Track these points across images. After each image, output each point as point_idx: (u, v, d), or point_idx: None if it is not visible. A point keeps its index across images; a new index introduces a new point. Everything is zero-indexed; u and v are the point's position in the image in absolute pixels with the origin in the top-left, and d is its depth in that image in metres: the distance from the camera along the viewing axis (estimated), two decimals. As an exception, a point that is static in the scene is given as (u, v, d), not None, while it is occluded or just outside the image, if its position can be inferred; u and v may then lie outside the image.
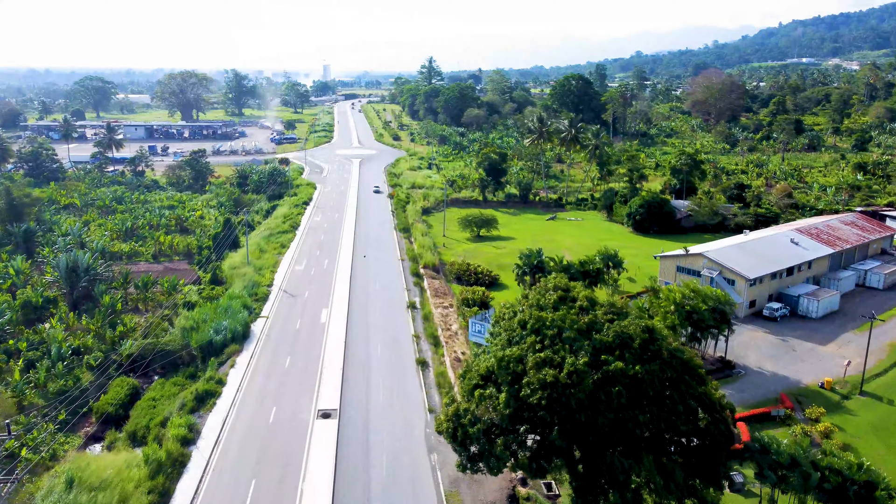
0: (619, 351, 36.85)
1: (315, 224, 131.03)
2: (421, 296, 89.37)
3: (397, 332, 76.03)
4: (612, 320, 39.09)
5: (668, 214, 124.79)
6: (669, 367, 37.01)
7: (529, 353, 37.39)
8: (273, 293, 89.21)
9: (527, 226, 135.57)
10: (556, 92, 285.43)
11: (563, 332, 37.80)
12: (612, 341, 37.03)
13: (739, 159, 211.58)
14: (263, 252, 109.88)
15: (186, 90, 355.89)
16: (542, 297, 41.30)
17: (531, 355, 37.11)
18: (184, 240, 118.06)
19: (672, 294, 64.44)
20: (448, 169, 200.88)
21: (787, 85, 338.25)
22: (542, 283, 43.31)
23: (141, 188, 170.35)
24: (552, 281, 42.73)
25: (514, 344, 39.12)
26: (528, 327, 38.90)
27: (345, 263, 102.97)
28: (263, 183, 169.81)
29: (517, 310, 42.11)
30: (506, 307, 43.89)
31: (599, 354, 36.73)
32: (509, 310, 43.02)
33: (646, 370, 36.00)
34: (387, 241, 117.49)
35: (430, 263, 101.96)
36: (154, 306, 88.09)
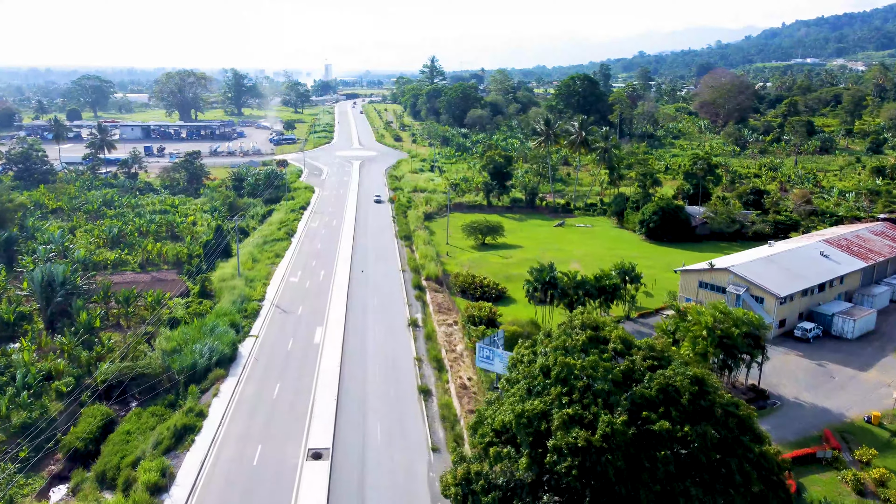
0: (663, 407, 30.78)
1: (312, 230, 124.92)
2: (423, 311, 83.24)
3: (397, 355, 69.89)
4: (653, 367, 33.01)
5: (683, 222, 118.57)
6: (724, 427, 30.92)
7: (555, 408, 31.34)
8: (264, 309, 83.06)
9: (534, 232, 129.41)
10: (560, 92, 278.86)
11: (594, 382, 31.75)
12: (656, 396, 30.94)
13: (751, 162, 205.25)
14: (256, 262, 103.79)
15: (185, 89, 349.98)
16: (567, 337, 35.21)
17: (557, 411, 31.06)
18: (174, 247, 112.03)
19: (703, 317, 58.20)
20: (451, 171, 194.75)
21: (797, 86, 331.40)
22: (568, 319, 37.19)
23: (133, 191, 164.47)
24: (579, 317, 36.66)
25: (535, 394, 33.05)
26: (553, 375, 32.80)
27: (342, 275, 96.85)
28: (259, 186, 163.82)
29: (538, 351, 35.97)
30: (524, 347, 37.79)
31: (640, 411, 30.71)
32: (528, 351, 36.91)
33: (697, 432, 29.90)
34: (387, 250, 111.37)
35: (433, 275, 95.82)
36: (137, 322, 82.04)
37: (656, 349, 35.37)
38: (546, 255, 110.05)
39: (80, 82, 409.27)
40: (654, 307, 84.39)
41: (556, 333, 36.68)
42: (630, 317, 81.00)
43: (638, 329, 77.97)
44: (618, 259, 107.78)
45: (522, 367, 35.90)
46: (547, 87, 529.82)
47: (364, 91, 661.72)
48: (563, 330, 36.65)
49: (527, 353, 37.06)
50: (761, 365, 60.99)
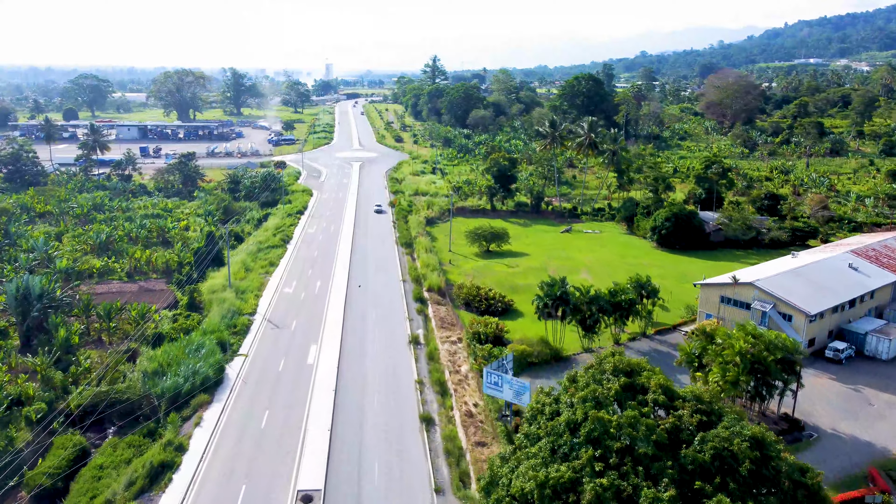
0: (719, 477, 25.66)
1: (309, 237, 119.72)
2: (425, 327, 78.02)
3: (397, 377, 64.68)
4: (702, 424, 27.83)
5: (696, 229, 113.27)
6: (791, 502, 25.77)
7: (586, 477, 26.18)
8: (255, 324, 77.83)
9: (540, 239, 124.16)
10: (564, 92, 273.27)
11: (634, 443, 26.60)
12: (710, 462, 25.82)
13: (761, 164, 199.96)
14: (249, 271, 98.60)
15: (183, 89, 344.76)
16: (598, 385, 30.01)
17: (589, 481, 25.88)
18: (163, 254, 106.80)
19: (734, 341, 52.94)
20: (453, 173, 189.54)
21: (806, 86, 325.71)
22: (597, 361, 31.99)
23: (126, 193, 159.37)
24: (610, 360, 31.46)
25: (561, 457, 27.89)
26: (583, 434, 27.67)
27: (339, 285, 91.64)
28: (256, 189, 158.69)
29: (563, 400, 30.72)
30: (544, 394, 32.54)
31: (691, 482, 25.56)
32: (550, 400, 31.65)
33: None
34: (387, 258, 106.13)
35: (435, 286, 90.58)
36: (120, 338, 76.95)
37: (704, 400, 30.15)
38: (553, 264, 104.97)
39: (78, 81, 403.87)
40: (671, 322, 79.11)
41: (582, 379, 31.45)
42: (646, 334, 75.79)
43: (656, 347, 72.74)
44: (629, 268, 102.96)
45: (544, 419, 30.70)
46: (550, 87, 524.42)
47: (365, 91, 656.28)
48: (592, 375, 31.46)
49: (548, 402, 31.83)
50: (796, 393, 55.74)
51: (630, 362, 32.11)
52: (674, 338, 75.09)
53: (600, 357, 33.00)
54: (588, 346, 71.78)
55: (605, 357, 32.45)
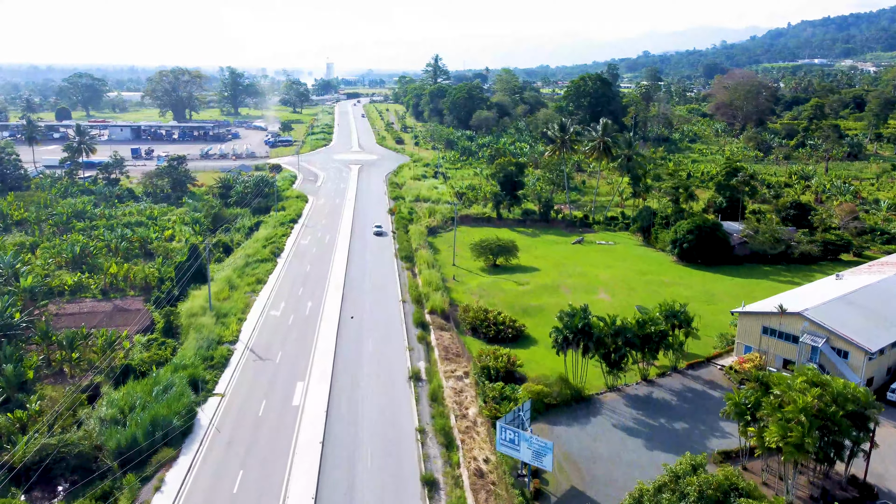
0: None
1: (302, 249, 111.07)
2: (427, 358, 69.41)
3: (396, 425, 56.01)
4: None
5: (721, 242, 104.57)
6: None
7: None
8: (236, 355, 69.18)
9: (550, 251, 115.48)
10: (570, 93, 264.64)
11: None
12: None
13: (778, 169, 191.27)
14: (234, 289, 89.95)
15: (179, 88, 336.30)
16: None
17: None
18: (143, 269, 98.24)
19: (795, 395, 44.27)
20: (456, 177, 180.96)
21: (821, 87, 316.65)
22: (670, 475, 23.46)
23: (112, 199, 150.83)
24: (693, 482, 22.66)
25: None
26: None
27: (332, 307, 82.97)
28: (248, 195, 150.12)
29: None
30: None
31: None
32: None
33: None
34: (385, 275, 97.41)
35: (439, 308, 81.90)
36: (84, 369, 68.43)
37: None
38: (566, 281, 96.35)
39: (73, 80, 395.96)
40: (704, 354, 70.40)
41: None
42: (678, 368, 67.10)
43: (689, 385, 64.10)
44: (650, 286, 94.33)
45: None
46: (554, 88, 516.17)
47: (366, 90, 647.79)
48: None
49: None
50: (869, 454, 47.08)
51: (720, 483, 23.54)
52: (709, 373, 66.44)
53: (674, 471, 24.52)
54: (613, 384, 63.17)
55: (689, 487, 23.66)
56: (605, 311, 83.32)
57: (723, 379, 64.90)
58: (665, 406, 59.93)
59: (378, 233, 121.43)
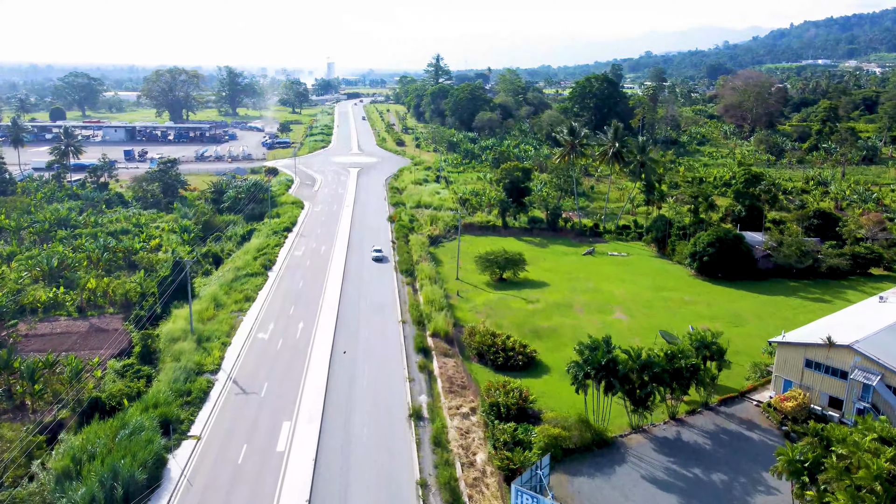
0: None
1: (295, 261, 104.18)
2: (429, 390, 62.57)
3: (393, 477, 49.07)
4: None
5: (744, 255, 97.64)
6: None
7: None
8: (217, 387, 62.30)
9: (559, 263, 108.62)
10: (576, 94, 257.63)
11: None
12: None
13: (792, 174, 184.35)
14: (220, 307, 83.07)
15: (175, 88, 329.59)
16: None
17: None
18: (123, 284, 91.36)
19: (866, 457, 37.39)
20: (458, 182, 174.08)
21: (831, 88, 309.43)
22: None
23: (100, 204, 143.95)
24: None
25: None
26: None
27: (326, 329, 76.07)
28: (242, 200, 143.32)
29: None
30: None
31: None
32: None
33: None
34: (384, 291, 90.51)
35: (442, 331, 75.01)
36: (48, 403, 61.61)
37: None
38: (579, 298, 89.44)
39: (68, 80, 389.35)
40: (737, 387, 63.49)
41: None
42: (709, 404, 60.17)
43: (723, 425, 57.17)
44: (669, 305, 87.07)
45: None
46: (557, 88, 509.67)
47: (366, 90, 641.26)
48: None
49: None
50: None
51: None
52: (744, 410, 59.53)
53: None
54: (638, 424, 56.32)
55: None
56: (623, 333, 76.74)
57: (760, 418, 58.05)
58: (699, 451, 53.06)
59: (378, 258, 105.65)
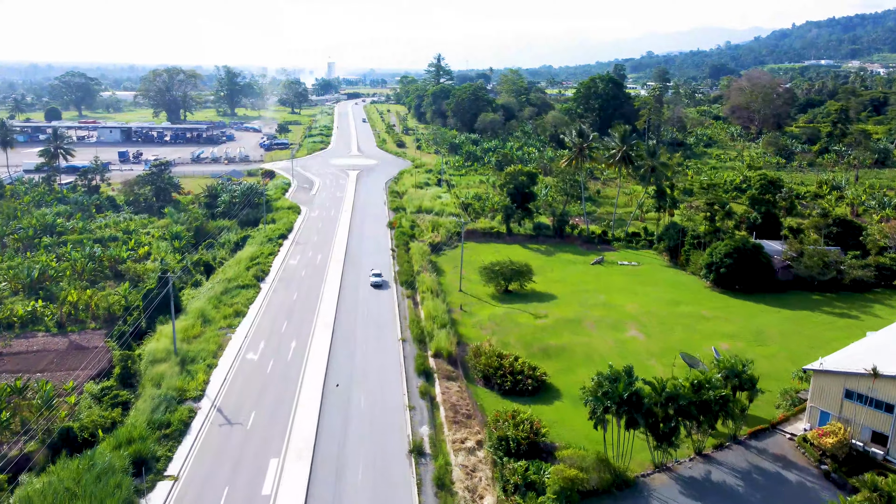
0: None
1: (290, 271, 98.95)
2: (431, 420, 57.38)
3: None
4: None
5: (763, 266, 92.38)
6: None
7: None
8: (200, 416, 57.08)
9: (567, 273, 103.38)
10: (580, 94, 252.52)
11: None
12: None
13: (804, 177, 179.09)
14: (208, 323, 77.84)
15: (173, 88, 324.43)
16: None
17: None
18: (106, 296, 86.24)
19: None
20: (461, 185, 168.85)
21: (841, 89, 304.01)
22: None
23: (90, 208, 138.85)
24: None
25: None
26: None
27: (320, 348, 70.89)
28: (236, 205, 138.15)
29: None
30: None
31: None
32: None
33: None
34: (383, 305, 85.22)
35: (444, 350, 69.82)
36: (16, 433, 56.45)
37: None
38: (590, 314, 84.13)
39: (65, 79, 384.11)
40: (767, 417, 58.23)
41: None
42: (738, 437, 54.92)
43: (756, 462, 51.89)
44: (687, 321, 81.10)
45: None
46: (560, 89, 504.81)
47: (367, 90, 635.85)
48: None
49: None
50: None
51: None
52: (776, 444, 54.25)
53: None
54: (662, 461, 51.10)
55: None
56: (639, 353, 71.54)
57: (795, 453, 52.81)
58: (731, 495, 47.84)
59: (376, 284, 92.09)
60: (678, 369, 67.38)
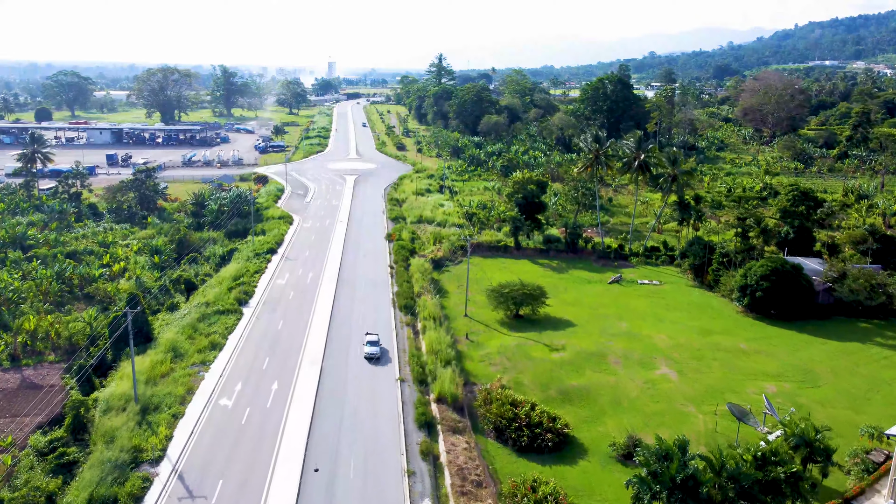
0: None
1: (276, 293, 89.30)
2: (434, 490, 47.84)
3: None
4: None
5: (804, 290, 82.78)
6: None
7: None
8: (156, 487, 47.44)
9: (583, 294, 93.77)
10: (587, 95, 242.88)
11: None
12: None
13: (825, 184, 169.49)
14: (179, 357, 68.30)
15: (167, 88, 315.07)
16: None
17: None
18: (69, 324, 76.80)
19: None
20: (464, 192, 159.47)
21: (860, 90, 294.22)
22: None
23: (68, 217, 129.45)
24: None
25: None
26: None
27: (305, 392, 61.28)
28: (225, 213, 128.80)
29: None
30: None
31: None
32: None
33: None
34: (380, 335, 75.60)
35: (449, 394, 60.24)
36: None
37: None
38: (613, 345, 74.55)
39: (56, 78, 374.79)
40: (834, 485, 48.70)
41: None
42: (807, 518, 45.42)
43: (832, 553, 42.46)
44: (723, 355, 70.32)
45: None
46: (564, 89, 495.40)
47: (367, 90, 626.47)
48: None
49: None
50: None
51: None
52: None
53: None
54: (718, 552, 41.59)
55: None
56: (673, 397, 61.76)
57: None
58: None
59: (370, 356, 68.34)
60: (721, 417, 58.05)
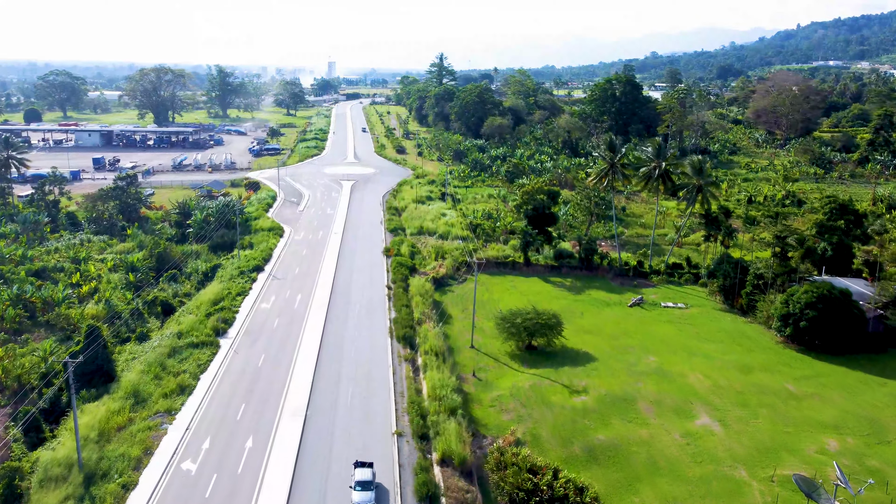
0: None
1: (259, 320, 79.66)
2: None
3: None
4: None
5: (854, 318, 73.19)
6: None
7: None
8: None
9: (602, 320, 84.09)
10: (595, 97, 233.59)
11: None
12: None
13: (849, 191, 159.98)
14: (140, 404, 58.67)
15: (160, 88, 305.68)
16: None
17: None
18: (18, 360, 67.34)
19: None
20: (467, 199, 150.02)
21: (875, 92, 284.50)
22: None
23: (42, 228, 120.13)
24: None
25: None
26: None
27: (284, 453, 51.72)
28: (210, 224, 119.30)
29: None
30: None
31: None
32: None
33: None
34: (374, 377, 65.81)
35: (456, 456, 50.65)
36: None
37: None
38: (642, 387, 64.74)
39: (47, 78, 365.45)
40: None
41: None
42: None
43: None
44: (769, 397, 59.38)
45: None
46: (568, 90, 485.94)
47: (368, 90, 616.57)
48: None
49: None
50: None
51: None
52: None
53: None
54: None
55: None
56: (720, 458, 51.19)
57: None
58: None
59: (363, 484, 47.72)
60: (779, 484, 48.55)
